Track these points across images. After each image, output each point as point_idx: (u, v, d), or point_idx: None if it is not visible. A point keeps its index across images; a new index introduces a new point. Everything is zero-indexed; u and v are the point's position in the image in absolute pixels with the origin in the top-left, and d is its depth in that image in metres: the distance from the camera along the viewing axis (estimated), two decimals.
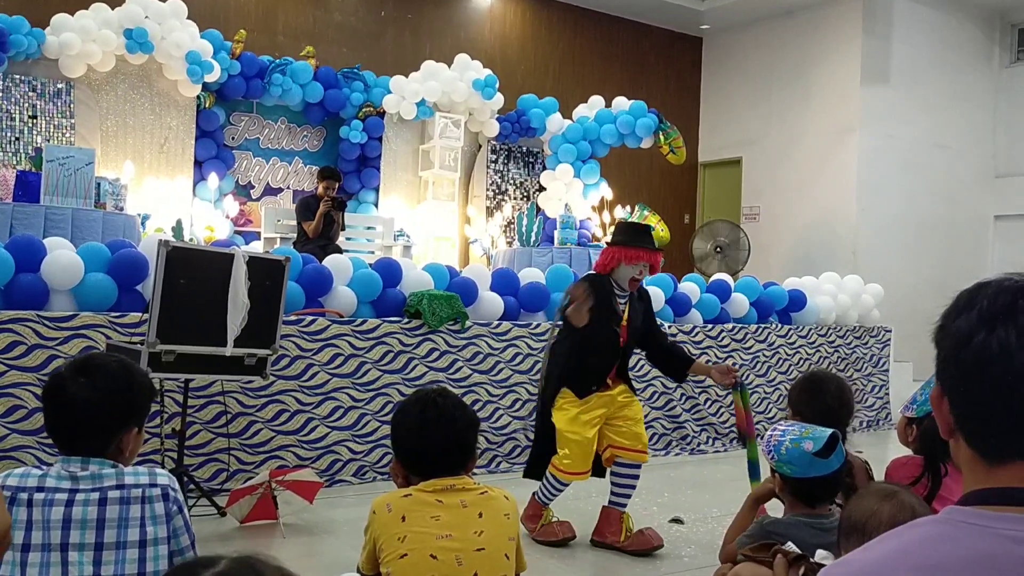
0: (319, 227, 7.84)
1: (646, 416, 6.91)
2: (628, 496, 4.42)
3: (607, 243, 4.48)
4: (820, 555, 1.95)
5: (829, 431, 2.41)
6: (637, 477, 4.44)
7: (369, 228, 9.37)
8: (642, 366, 6.95)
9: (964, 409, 1.03)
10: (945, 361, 1.04)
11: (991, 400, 0.99)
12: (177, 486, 2.04)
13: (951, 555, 0.95)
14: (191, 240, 7.62)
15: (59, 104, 8.15)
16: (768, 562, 2.02)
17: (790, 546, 2.01)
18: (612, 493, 4.43)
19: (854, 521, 1.91)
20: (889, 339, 8.88)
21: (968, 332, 1.00)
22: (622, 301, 4.38)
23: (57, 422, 1.98)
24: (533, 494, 4.48)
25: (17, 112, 7.99)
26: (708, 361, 7.37)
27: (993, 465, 1.01)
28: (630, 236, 4.36)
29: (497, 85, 9.93)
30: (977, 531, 0.97)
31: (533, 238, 9.07)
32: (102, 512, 1.89)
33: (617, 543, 4.33)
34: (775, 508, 2.70)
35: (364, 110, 9.58)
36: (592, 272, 4.52)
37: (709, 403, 7.35)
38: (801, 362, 8.04)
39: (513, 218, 10.01)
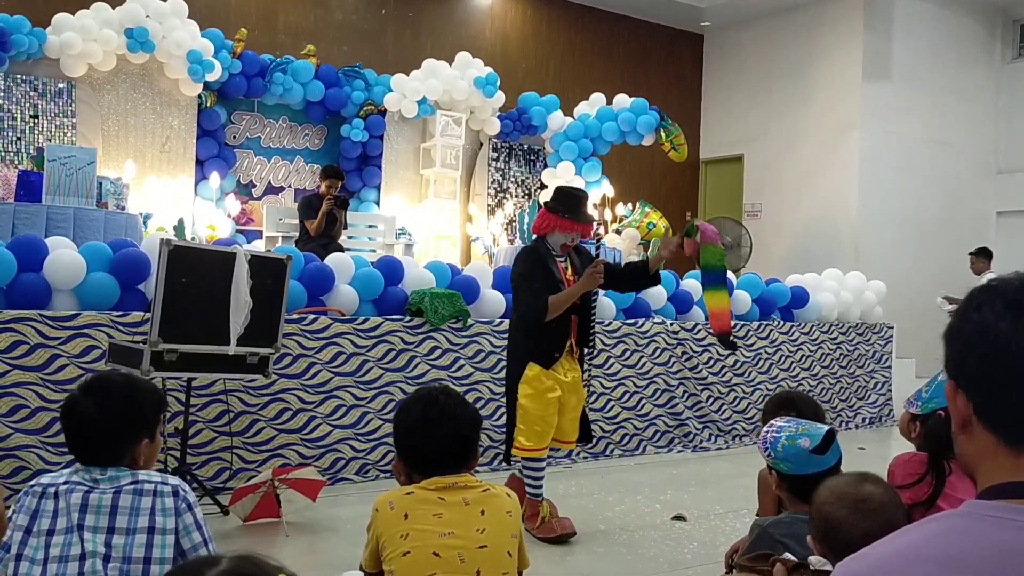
0: (321, 226, 7.84)
1: (648, 413, 6.94)
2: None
3: (544, 203, 4.57)
4: (816, 561, 1.92)
5: (825, 427, 2.41)
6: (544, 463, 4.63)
7: (371, 226, 9.37)
8: (643, 363, 6.95)
9: (989, 398, 1.04)
10: (965, 353, 1.06)
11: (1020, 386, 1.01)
12: (188, 489, 2.17)
13: (973, 547, 0.95)
14: (193, 239, 7.62)
15: (60, 104, 8.15)
16: (767, 571, 2.00)
17: (788, 555, 1.99)
18: (525, 477, 4.59)
19: (842, 538, 1.86)
20: (892, 336, 8.88)
21: (993, 321, 1.02)
22: (561, 260, 4.51)
23: (73, 438, 2.16)
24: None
25: (19, 112, 8.00)
26: (709, 359, 7.38)
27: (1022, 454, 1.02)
28: (565, 207, 4.44)
29: (498, 83, 9.92)
30: (999, 524, 0.97)
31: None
32: (116, 500, 2.05)
33: (531, 529, 4.41)
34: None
35: (365, 108, 9.58)
36: (528, 245, 4.64)
37: (711, 400, 7.35)
38: (804, 359, 8.04)
39: (514, 216, 10.01)
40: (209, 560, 1.11)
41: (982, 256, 9.87)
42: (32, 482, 2.11)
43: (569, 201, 4.47)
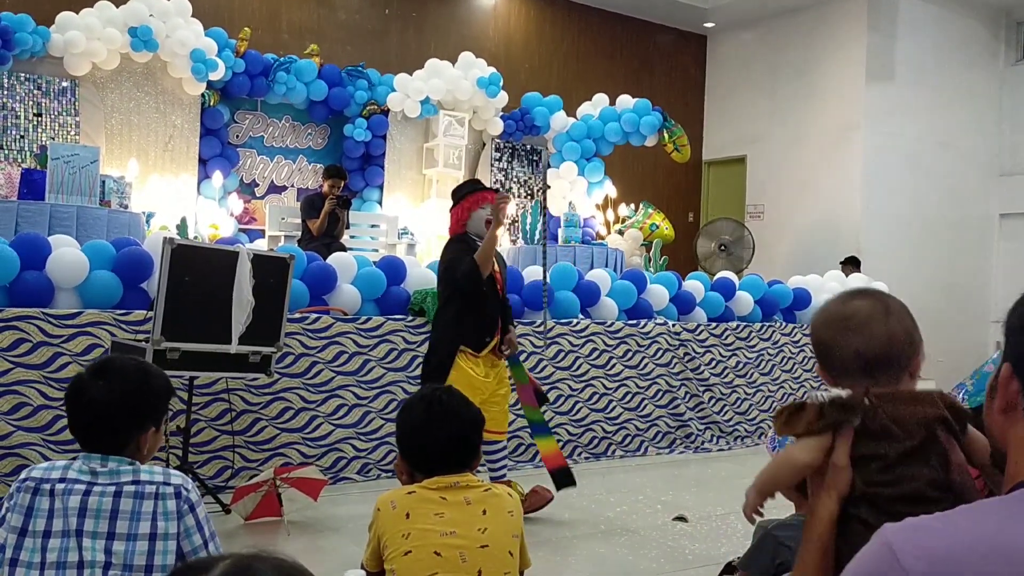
0: (324, 225, 7.84)
1: (650, 414, 6.94)
2: (505, 467, 4.75)
3: (450, 210, 4.76)
4: (841, 393, 1.67)
5: None
6: (502, 450, 4.78)
7: (373, 226, 9.38)
8: (645, 364, 6.95)
9: None
10: None
11: None
12: (191, 486, 2.08)
13: None
14: (195, 238, 7.62)
15: (64, 102, 8.16)
16: (810, 430, 1.71)
17: (818, 395, 1.61)
18: (490, 471, 4.71)
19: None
20: None
21: None
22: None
23: (78, 421, 2.06)
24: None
25: (22, 110, 8.01)
26: (711, 360, 7.38)
27: None
28: (465, 188, 4.76)
29: (501, 83, 9.92)
30: None
31: (537, 236, 9.07)
32: (116, 504, 1.96)
33: None
34: (778, 509, 2.67)
35: (368, 108, 9.58)
36: (452, 239, 4.73)
37: (713, 401, 7.34)
38: (806, 360, 8.03)
39: (517, 216, 10.01)
40: (202, 565, 0.98)
41: (849, 264, 9.95)
42: (23, 475, 2.00)
43: (464, 186, 4.80)
